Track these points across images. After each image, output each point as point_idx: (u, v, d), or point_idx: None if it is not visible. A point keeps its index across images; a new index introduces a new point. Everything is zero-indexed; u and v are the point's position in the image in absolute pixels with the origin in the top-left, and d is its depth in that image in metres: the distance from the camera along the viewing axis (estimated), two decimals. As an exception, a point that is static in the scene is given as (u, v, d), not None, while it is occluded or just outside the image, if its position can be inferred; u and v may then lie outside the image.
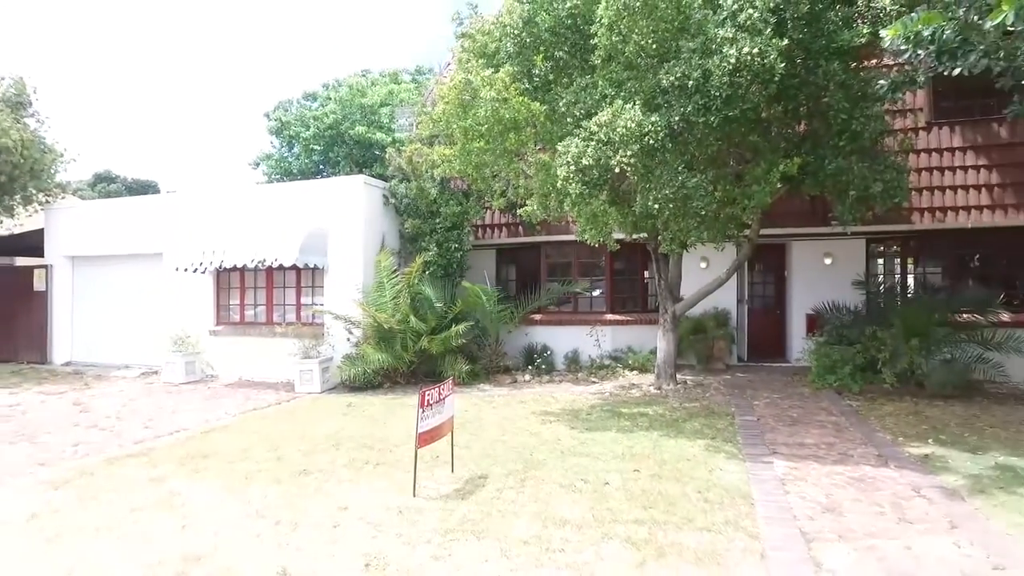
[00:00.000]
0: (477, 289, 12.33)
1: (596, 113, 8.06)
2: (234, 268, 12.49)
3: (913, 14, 5.04)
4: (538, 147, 9.85)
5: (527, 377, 12.38)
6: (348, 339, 12.09)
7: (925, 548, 4.60)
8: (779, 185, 8.78)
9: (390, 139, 25.19)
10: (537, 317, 13.64)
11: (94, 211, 15.91)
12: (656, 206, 7.92)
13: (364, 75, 32.08)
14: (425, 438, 5.91)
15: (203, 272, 12.84)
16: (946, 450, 7.08)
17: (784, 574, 4.24)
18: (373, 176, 15.77)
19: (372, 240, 12.74)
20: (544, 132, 9.39)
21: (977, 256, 12.32)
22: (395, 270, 12.44)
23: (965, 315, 10.47)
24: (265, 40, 74.41)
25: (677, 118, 7.71)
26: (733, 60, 7.27)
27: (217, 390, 12.14)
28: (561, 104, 8.97)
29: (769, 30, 7.54)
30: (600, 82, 8.55)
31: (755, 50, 7.25)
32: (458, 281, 12.97)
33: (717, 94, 7.52)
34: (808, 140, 9.38)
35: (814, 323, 12.15)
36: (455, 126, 9.21)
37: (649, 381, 11.25)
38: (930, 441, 7.43)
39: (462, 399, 10.26)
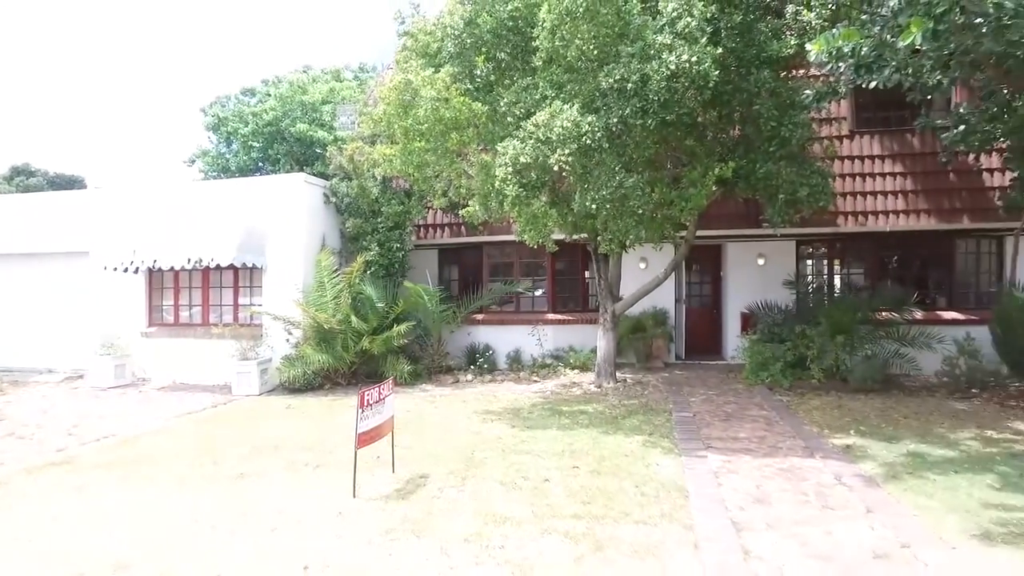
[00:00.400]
0: (419, 289, 12.30)
1: (537, 114, 8.17)
2: (169, 268, 12.06)
3: (835, 30, 5.33)
4: (480, 147, 9.91)
5: (469, 377, 12.41)
6: (288, 340, 11.86)
7: (844, 532, 4.87)
8: (714, 188, 9.09)
9: (332, 137, 24.79)
10: (479, 317, 13.69)
11: (12, 206, 15.08)
12: (594, 206, 8.09)
13: (305, 71, 31.47)
14: (365, 439, 5.88)
15: (134, 271, 12.36)
16: (865, 440, 7.48)
17: (715, 563, 4.40)
18: (314, 174, 15.50)
19: (312, 239, 12.53)
20: (486, 133, 9.45)
21: (895, 258, 13.03)
22: (336, 270, 12.28)
23: (884, 313, 11.07)
24: (201, 33, 71.98)
25: (615, 120, 7.89)
26: (671, 66, 7.50)
27: (149, 394, 11.71)
28: (502, 105, 9.05)
29: (705, 38, 7.81)
30: (541, 84, 8.67)
31: (692, 57, 7.50)
32: (400, 281, 12.90)
33: (655, 98, 7.74)
34: (741, 145, 9.73)
35: (748, 322, 12.60)
36: (396, 126, 9.17)
37: (590, 379, 11.45)
38: (852, 432, 7.83)
39: (404, 399, 10.22)
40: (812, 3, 8.52)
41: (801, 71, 10.87)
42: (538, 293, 14.03)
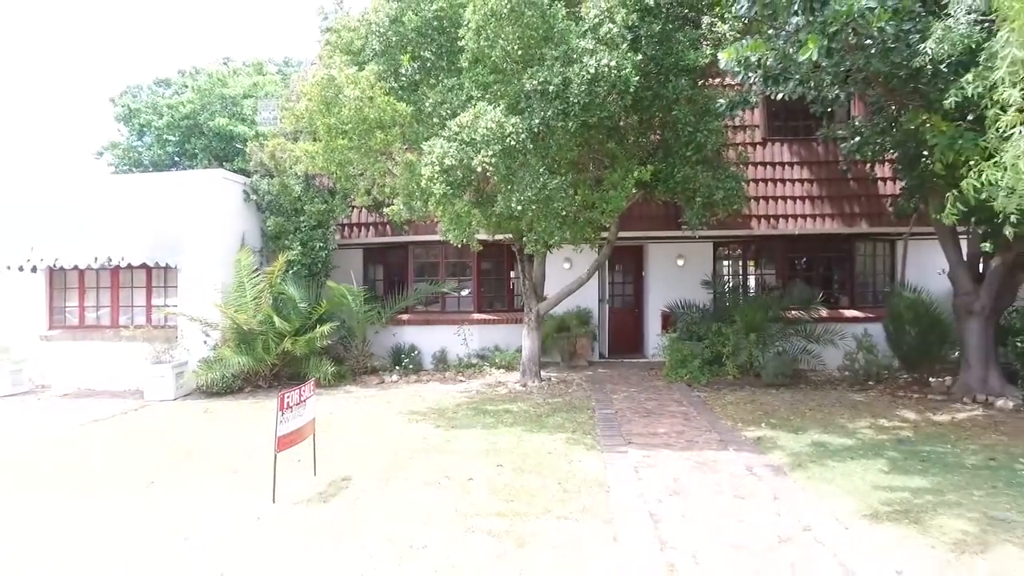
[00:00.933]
0: (343, 289, 12.10)
1: (461, 115, 8.21)
2: (73, 267, 11.38)
3: (744, 41, 5.63)
4: (405, 147, 9.85)
5: (395, 377, 12.31)
6: (205, 342, 11.42)
7: (754, 520, 5.14)
8: (634, 190, 9.36)
9: (253, 133, 23.96)
10: (405, 317, 13.60)
11: None
12: (519, 207, 8.20)
13: (226, 63, 30.28)
14: (285, 442, 5.76)
15: (31, 270, 11.59)
16: (775, 432, 7.90)
17: (634, 554, 4.57)
18: (234, 171, 14.99)
19: (232, 238, 12.12)
20: (411, 132, 9.40)
21: (803, 259, 13.78)
22: (256, 269, 11.92)
23: (793, 312, 11.71)
24: (108, 18, 68.06)
25: (537, 121, 8.01)
26: (592, 70, 7.69)
27: (51, 401, 11.03)
28: (428, 105, 9.04)
29: (625, 45, 8.05)
30: (467, 84, 8.70)
31: (612, 62, 7.71)
32: (323, 281, 12.65)
33: (576, 101, 7.91)
34: (661, 149, 10.07)
35: (668, 320, 13.04)
36: (319, 123, 9.01)
37: (515, 379, 11.57)
38: (763, 425, 8.25)
39: (327, 401, 10.04)
40: (726, 16, 8.91)
41: (717, 80, 11.35)
42: (464, 293, 14.06)
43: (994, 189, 4.13)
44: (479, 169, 7.89)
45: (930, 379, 10.80)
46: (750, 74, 7.53)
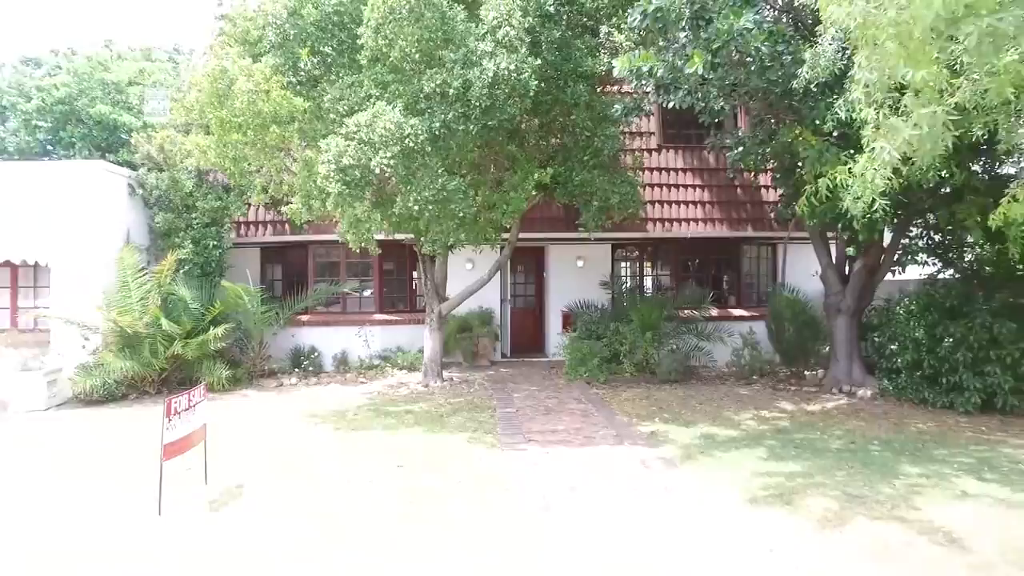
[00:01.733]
0: (239, 289, 11.61)
1: (361, 112, 8.10)
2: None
3: (637, 52, 5.92)
4: (304, 144, 9.59)
5: (294, 380, 11.95)
6: (84, 346, 10.61)
7: (645, 511, 5.40)
8: (534, 193, 9.55)
9: (140, 123, 22.50)
10: (305, 318, 13.23)
11: None
12: (417, 208, 8.17)
13: (108, 46, 28.22)
14: (172, 450, 5.49)
15: None
16: (668, 426, 8.30)
17: (529, 549, 4.69)
18: (118, 163, 14.07)
19: (115, 235, 11.34)
20: (309, 129, 9.17)
21: (696, 261, 14.52)
22: (143, 268, 11.23)
23: (686, 311, 12.32)
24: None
25: (438, 123, 8.03)
26: (492, 73, 7.78)
27: None
28: (326, 101, 8.84)
29: (525, 49, 8.19)
30: (366, 82, 8.58)
31: (512, 66, 7.84)
32: (217, 281, 12.09)
33: (477, 104, 7.98)
34: (560, 153, 10.33)
35: (568, 320, 13.38)
36: (211, 116, 8.62)
37: (417, 379, 11.52)
38: (657, 420, 8.64)
39: (221, 406, 9.62)
40: (623, 26, 9.27)
41: (615, 87, 11.75)
42: (366, 293, 13.85)
43: (844, 191, 4.58)
44: (377, 170, 7.81)
45: (805, 372, 11.69)
46: (643, 83, 7.90)
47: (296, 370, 12.41)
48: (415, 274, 13.79)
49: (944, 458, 6.84)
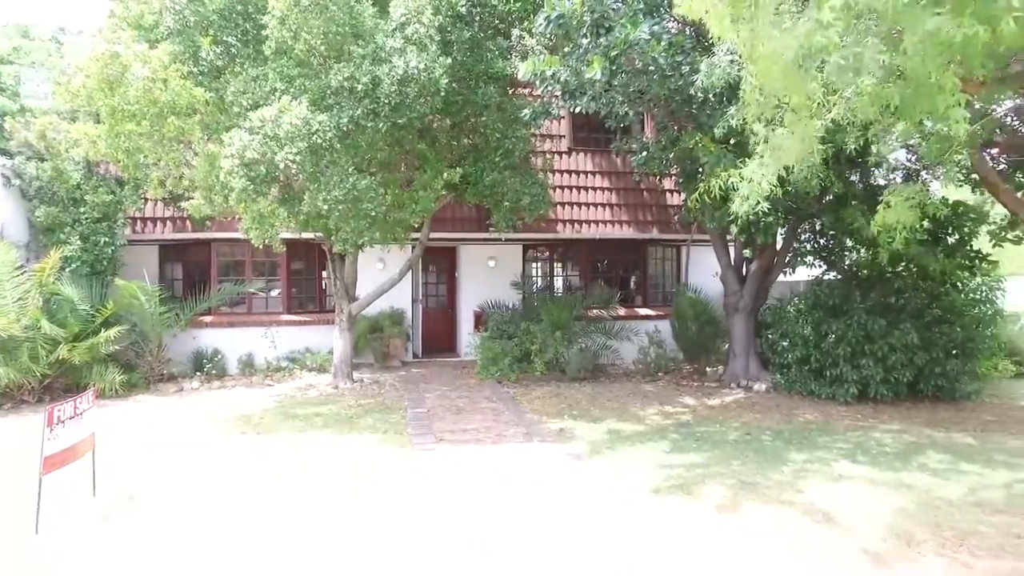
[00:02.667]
0: (134, 288, 10.93)
1: (266, 106, 7.85)
2: None
3: (542, 56, 6.07)
4: (206, 137, 9.17)
5: (196, 384, 11.40)
6: (-52, 353, 9.70)
7: (555, 505, 5.53)
8: (444, 193, 9.55)
9: (17, 107, 20.78)
10: (208, 319, 12.65)
11: None
12: (326, 207, 8.01)
13: (-24, 22, 25.85)
14: (54, 462, 5.11)
15: None
16: (576, 423, 8.51)
17: (441, 547, 4.71)
18: (-11, 151, 12.93)
19: (-15, 229, 10.46)
20: (212, 121, 8.79)
21: (605, 262, 14.94)
22: (22, 266, 10.36)
23: (595, 310, 12.66)
24: None
25: (346, 119, 7.90)
26: (401, 71, 7.73)
27: None
28: (229, 93, 8.51)
29: (435, 47, 8.18)
30: (271, 75, 8.31)
31: (422, 64, 7.82)
32: (110, 280, 11.35)
33: (386, 101, 7.91)
34: (471, 153, 10.38)
35: (480, 320, 13.45)
36: (100, 103, 8.10)
37: (327, 381, 11.27)
38: (566, 417, 8.84)
39: (116, 413, 9.06)
40: (533, 30, 9.42)
41: (527, 90, 11.92)
42: (273, 294, 13.40)
43: (734, 194, 4.90)
44: (282, 166, 7.59)
45: (707, 368, 12.27)
46: (549, 87, 8.09)
47: (198, 374, 11.84)
48: (324, 274, 13.46)
49: (826, 445, 7.39)
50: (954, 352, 9.68)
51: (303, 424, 8.43)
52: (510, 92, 10.50)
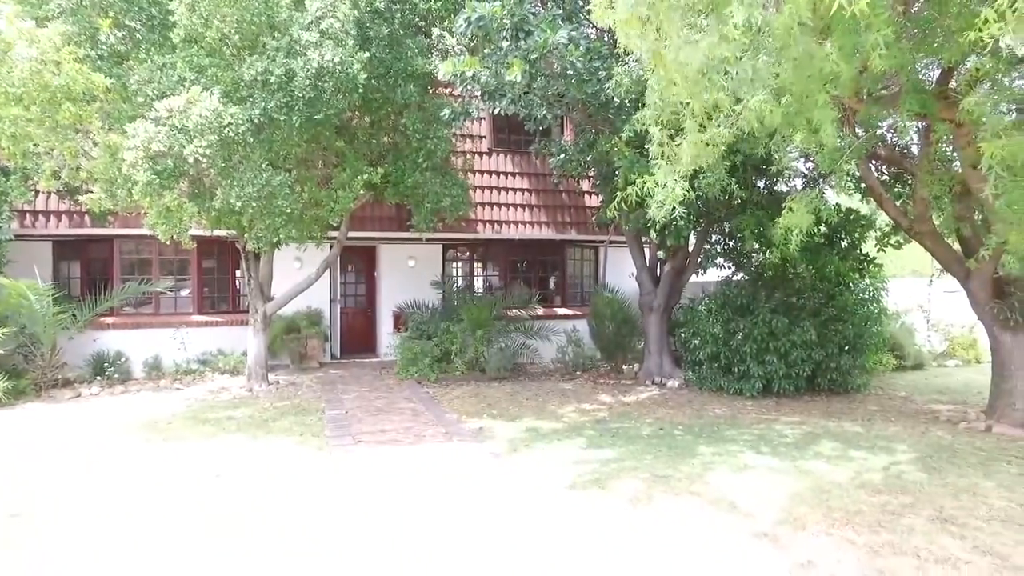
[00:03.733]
0: (22, 287, 10.16)
1: (175, 96, 7.51)
2: None
3: (462, 56, 6.11)
4: (107, 126, 8.66)
5: (95, 389, 10.74)
6: None
7: (473, 504, 5.57)
8: (363, 192, 9.42)
9: None
10: (110, 320, 11.94)
11: None
12: (239, 203, 7.75)
13: None
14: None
15: None
16: (495, 422, 8.59)
17: (360, 550, 4.66)
18: None
19: None
20: (114, 110, 8.32)
21: (524, 262, 15.12)
22: None
23: (514, 310, 12.80)
24: None
25: (259, 112, 7.66)
26: (316, 64, 7.57)
27: None
28: (133, 82, 8.08)
29: (352, 42, 8.05)
30: (180, 64, 7.95)
31: (338, 59, 7.67)
32: (-6, 279, 10.52)
33: (301, 95, 7.71)
34: (391, 152, 10.27)
35: (400, 320, 13.34)
36: (-24, 84, 7.51)
37: (240, 383, 10.88)
38: (485, 416, 8.90)
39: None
40: (454, 31, 9.43)
41: (448, 90, 11.91)
42: (183, 293, 12.81)
43: (649, 199, 5.12)
44: (192, 159, 7.28)
45: (623, 366, 12.63)
46: (468, 88, 8.14)
47: (99, 378, 11.15)
48: (238, 272, 12.99)
49: (733, 437, 7.78)
50: (846, 348, 10.42)
51: (214, 429, 8.11)
52: (431, 91, 10.45)
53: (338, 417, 8.72)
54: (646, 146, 7.92)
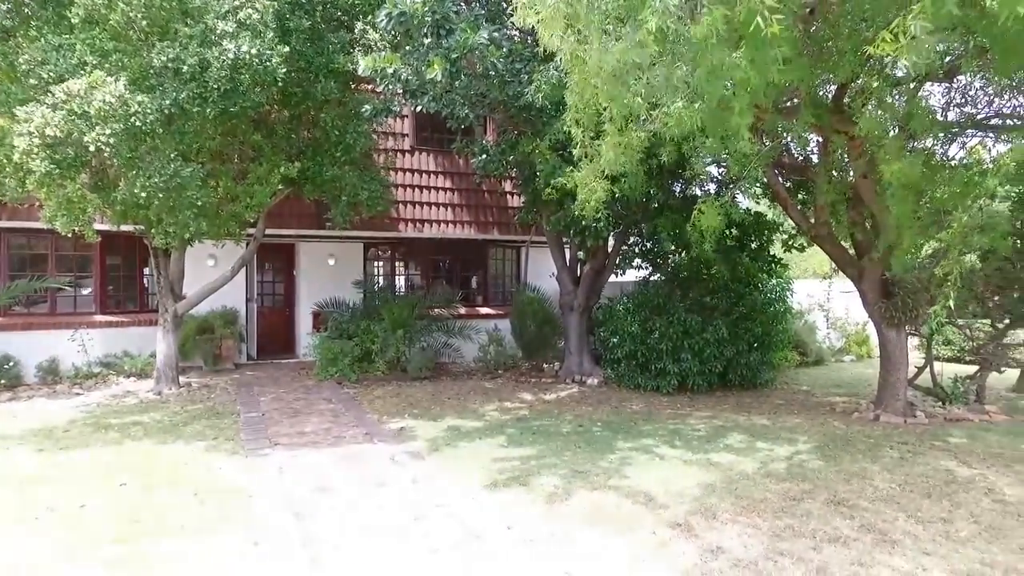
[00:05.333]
0: None
1: (75, 80, 7.04)
2: None
3: (382, 53, 6.06)
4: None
5: (-27, 397, 9.94)
6: None
7: (393, 504, 5.52)
8: (280, 186, 9.16)
9: None
10: (-3, 321, 11.09)
11: None
12: (144, 194, 7.35)
13: None
14: None
15: None
16: (417, 421, 8.55)
17: (274, 556, 4.54)
18: None
19: None
20: (1, 92, 7.73)
21: (446, 261, 15.10)
22: None
23: (436, 310, 12.74)
24: None
25: (169, 102, 7.31)
26: (232, 55, 7.30)
27: None
28: (23, 61, 7.52)
29: (272, 34, 7.80)
30: (79, 46, 7.46)
31: (255, 50, 7.42)
32: None
33: (215, 86, 7.41)
34: (310, 147, 10.03)
35: (319, 319, 13.04)
36: None
37: (148, 387, 10.33)
38: (406, 416, 8.84)
39: None
40: (376, 24, 9.29)
41: (369, 86, 11.73)
42: (84, 291, 12.04)
43: (570, 201, 5.24)
44: (93, 147, 6.84)
45: (544, 365, 12.84)
46: (389, 85, 8.07)
47: (-22, 385, 10.34)
48: (147, 270, 12.34)
49: (649, 433, 8.05)
50: (755, 345, 11.00)
51: (119, 435, 7.67)
52: (352, 87, 10.27)
53: (253, 420, 8.45)
54: (568, 151, 8.19)
